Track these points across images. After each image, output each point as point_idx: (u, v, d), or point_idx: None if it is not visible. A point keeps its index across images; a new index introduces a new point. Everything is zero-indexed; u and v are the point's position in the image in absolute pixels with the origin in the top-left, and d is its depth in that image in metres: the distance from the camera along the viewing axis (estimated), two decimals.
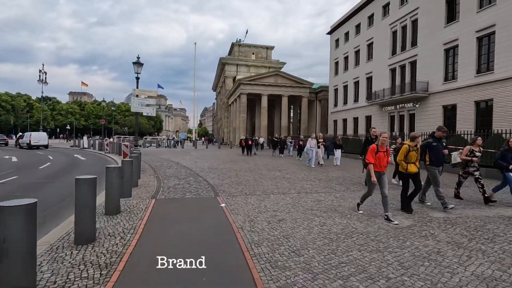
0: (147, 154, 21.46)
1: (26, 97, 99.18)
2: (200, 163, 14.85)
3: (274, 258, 3.38)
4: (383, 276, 2.94)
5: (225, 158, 19.13)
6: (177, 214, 5.35)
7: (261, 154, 24.16)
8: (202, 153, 24.45)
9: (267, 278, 2.91)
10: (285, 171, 11.70)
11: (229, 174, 10.78)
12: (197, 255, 3.37)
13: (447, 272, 3.05)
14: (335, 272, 3.03)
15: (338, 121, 34.23)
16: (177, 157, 18.78)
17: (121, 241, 3.88)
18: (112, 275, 2.93)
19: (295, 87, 36.13)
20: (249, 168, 12.87)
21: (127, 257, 3.35)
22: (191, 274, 2.98)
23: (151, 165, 14.14)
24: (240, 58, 50.53)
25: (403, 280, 2.87)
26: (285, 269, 3.10)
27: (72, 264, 3.18)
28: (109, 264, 3.18)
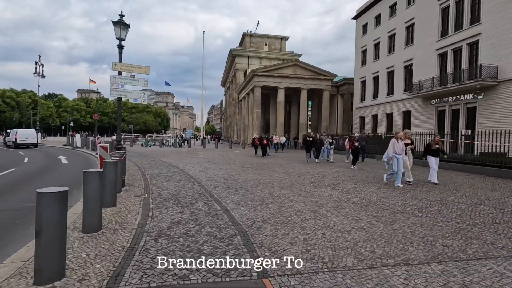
0: (146, 155, 17.78)
1: (31, 93, 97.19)
2: (212, 171, 11.01)
3: None
4: None
5: (242, 161, 15.26)
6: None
7: (285, 156, 20.20)
8: (212, 154, 20.64)
9: None
10: (345, 189, 7.73)
11: (260, 193, 6.89)
12: None
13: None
14: None
15: (365, 117, 30.02)
16: (182, 161, 15.02)
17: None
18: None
19: (315, 79, 32.02)
20: (283, 180, 8.97)
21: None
22: None
23: (146, 172, 10.38)
24: (252, 49, 46.52)
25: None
26: None
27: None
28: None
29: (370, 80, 29.30)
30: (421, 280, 2.80)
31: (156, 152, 20.82)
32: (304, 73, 31.87)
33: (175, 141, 28.10)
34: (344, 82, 34.94)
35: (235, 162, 14.98)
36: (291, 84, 31.81)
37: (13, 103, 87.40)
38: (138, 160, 14.62)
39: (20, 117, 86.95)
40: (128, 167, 10.82)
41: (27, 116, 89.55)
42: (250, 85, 33.59)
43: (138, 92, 7.80)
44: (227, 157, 17.77)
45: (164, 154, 19.56)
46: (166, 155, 18.26)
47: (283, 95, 31.84)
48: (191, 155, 19.28)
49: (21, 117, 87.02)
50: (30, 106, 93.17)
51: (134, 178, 9.12)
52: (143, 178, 9.13)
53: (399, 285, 2.71)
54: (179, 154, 19.45)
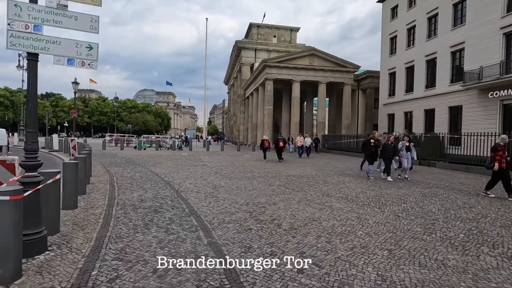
0: (134, 162, 13.61)
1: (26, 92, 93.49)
2: (227, 195, 6.81)
3: None
4: None
5: (263, 172, 11.02)
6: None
7: (315, 164, 15.96)
8: (219, 160, 16.44)
9: None
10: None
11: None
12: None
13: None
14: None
15: (396, 115, 25.74)
16: (180, 172, 10.84)
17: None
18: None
19: (335, 71, 27.79)
20: (378, 228, 4.78)
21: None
22: None
23: (117, 199, 6.13)
24: (260, 41, 42.31)
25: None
26: None
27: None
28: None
29: (401, 72, 25.03)
30: None
31: (149, 158, 16.65)
32: (323, 64, 27.63)
33: (173, 143, 23.90)
34: (366, 75, 30.66)
35: (253, 173, 10.77)
36: (307, 77, 27.57)
37: (7, 102, 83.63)
38: (118, 172, 10.46)
39: (15, 117, 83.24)
40: (97, 182, 6.65)
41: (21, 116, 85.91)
42: (260, 79, 29.38)
43: (75, 46, 3.59)
44: (239, 165, 13.57)
45: (159, 160, 15.38)
46: (160, 162, 14.08)
47: (298, 90, 27.61)
48: (192, 161, 15.10)
49: (15, 116, 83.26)
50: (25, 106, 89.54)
51: (86, 218, 4.91)
52: (98, 219, 4.92)
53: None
54: (177, 161, 15.26)
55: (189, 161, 15.27)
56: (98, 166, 12.20)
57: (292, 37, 44.20)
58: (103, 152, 19.48)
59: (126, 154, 18.37)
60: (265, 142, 17.94)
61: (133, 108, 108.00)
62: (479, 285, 2.83)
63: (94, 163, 12.95)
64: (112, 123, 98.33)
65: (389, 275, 2.97)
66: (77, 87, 18.35)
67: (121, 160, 14.59)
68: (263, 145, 17.79)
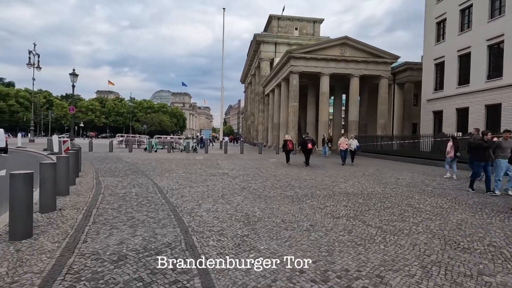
0: (137, 170, 10.87)
1: (46, 93, 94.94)
2: (272, 242, 3.73)
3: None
4: None
5: (315, 189, 7.90)
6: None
7: (374, 175, 12.69)
8: (241, 166, 13.50)
9: None
10: None
11: None
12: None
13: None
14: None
15: (444, 112, 21.94)
16: (192, 186, 7.94)
17: None
18: None
19: (370, 63, 24.30)
20: None
21: None
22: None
23: (81, 248, 3.20)
24: (280, 35, 39.23)
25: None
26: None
27: None
28: None
29: (453, 61, 21.22)
30: None
31: (157, 163, 13.95)
32: (356, 55, 24.20)
33: (187, 144, 21.21)
34: (405, 67, 26.86)
35: (293, 188, 7.70)
36: (337, 69, 24.22)
37: (26, 103, 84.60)
38: (111, 185, 7.70)
39: (34, 118, 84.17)
40: (70, 206, 3.86)
41: (42, 117, 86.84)
42: (284, 72, 26.28)
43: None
44: (268, 174, 10.55)
45: (168, 166, 12.63)
46: (169, 170, 11.29)
47: (327, 84, 24.30)
48: (208, 168, 12.22)
49: (35, 117, 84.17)
50: (45, 106, 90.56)
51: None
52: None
53: None
54: (191, 167, 12.42)
55: (205, 167, 12.40)
56: (90, 175, 9.55)
57: (315, 29, 40.85)
58: (107, 156, 17.02)
59: (132, 158, 15.78)
60: (289, 143, 14.85)
61: (149, 108, 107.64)
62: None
63: (88, 171, 10.33)
64: (128, 124, 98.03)
65: None
66: (75, 79, 15.98)
67: (123, 166, 11.93)
68: (286, 147, 14.72)
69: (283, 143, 15.58)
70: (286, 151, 14.82)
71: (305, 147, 14.11)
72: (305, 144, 14.17)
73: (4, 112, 77.72)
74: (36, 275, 2.84)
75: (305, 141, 14.35)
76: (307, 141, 14.24)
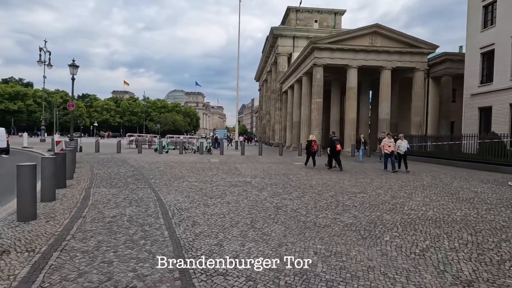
0: (140, 177, 8.93)
1: (63, 93, 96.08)
2: None
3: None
4: None
5: (376, 208, 5.64)
6: None
7: (422, 185, 10.25)
8: (266, 172, 11.38)
9: None
10: None
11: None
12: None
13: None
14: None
15: (494, 108, 19.03)
16: (208, 204, 5.85)
17: None
18: None
19: (404, 53, 21.62)
20: None
21: None
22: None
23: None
24: (299, 28, 36.89)
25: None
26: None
27: None
28: None
29: (505, 48, 18.29)
30: None
31: (166, 167, 12.04)
32: (388, 45, 21.57)
33: (201, 145, 19.28)
34: (443, 58, 23.92)
35: (348, 210, 5.44)
36: (367, 61, 21.67)
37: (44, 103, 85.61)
38: (101, 201, 5.75)
39: (51, 117, 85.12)
40: (18, 246, 2.14)
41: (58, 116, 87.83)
42: (306, 66, 23.94)
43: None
44: (302, 183, 8.34)
45: (179, 172, 10.68)
46: (179, 177, 9.31)
47: (355, 78, 21.79)
48: (227, 174, 10.15)
49: (52, 117, 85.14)
50: (62, 106, 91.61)
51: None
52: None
53: None
54: (205, 173, 10.40)
55: (222, 173, 10.35)
56: (83, 183, 7.70)
57: (336, 21, 38.22)
58: (113, 158, 15.30)
59: (139, 161, 13.96)
60: (313, 144, 13.07)
61: (162, 108, 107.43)
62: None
63: (82, 178, 8.50)
64: (143, 123, 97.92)
65: None
66: (75, 71, 14.31)
67: (126, 172, 10.05)
68: (310, 148, 13.02)
69: (307, 144, 13.67)
70: (310, 153, 13.06)
71: (333, 149, 12.30)
72: (333, 145, 12.34)
73: (22, 112, 78.95)
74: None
75: (333, 142, 12.51)
76: (335, 142, 12.44)
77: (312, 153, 13.04)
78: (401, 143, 11.20)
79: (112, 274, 2.86)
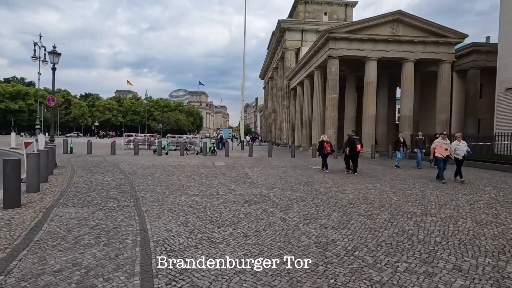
0: (125, 190, 6.96)
1: (64, 92, 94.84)
2: None
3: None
4: None
5: None
6: None
7: (505, 206, 8.09)
8: (283, 179, 9.43)
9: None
10: None
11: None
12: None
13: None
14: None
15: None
16: (213, 235, 3.84)
17: None
18: None
19: (429, 44, 19.49)
20: None
21: None
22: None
23: None
24: (307, 20, 34.82)
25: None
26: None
27: None
28: None
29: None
30: None
31: (163, 173, 10.13)
32: (412, 33, 19.44)
33: (204, 145, 17.33)
34: (470, 49, 21.67)
35: (437, 260, 3.39)
36: (387, 53, 19.55)
37: (45, 102, 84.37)
38: (62, 227, 3.77)
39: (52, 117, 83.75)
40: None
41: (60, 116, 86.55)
42: (318, 59, 21.88)
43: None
44: (335, 197, 6.32)
45: (177, 180, 8.74)
46: (177, 188, 7.36)
47: (375, 71, 19.69)
48: (236, 183, 8.16)
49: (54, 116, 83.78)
50: (63, 106, 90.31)
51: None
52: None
53: None
54: (209, 181, 8.44)
55: (230, 182, 8.37)
56: (49, 198, 5.80)
57: (347, 13, 36.08)
58: (104, 160, 13.40)
59: (133, 165, 12.04)
60: (326, 145, 11.45)
61: (165, 107, 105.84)
62: None
63: (53, 189, 6.60)
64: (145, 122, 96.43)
65: None
66: (56, 59, 12.42)
67: (111, 181, 8.13)
68: (323, 149, 11.44)
69: (319, 144, 11.84)
70: (323, 155, 11.46)
71: (353, 149, 10.64)
72: (353, 145, 10.65)
73: (24, 112, 77.76)
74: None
75: (353, 141, 10.77)
76: (355, 142, 10.72)
77: (325, 155, 11.44)
78: (459, 145, 8.75)
79: None
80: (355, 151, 10.68)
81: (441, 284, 2.78)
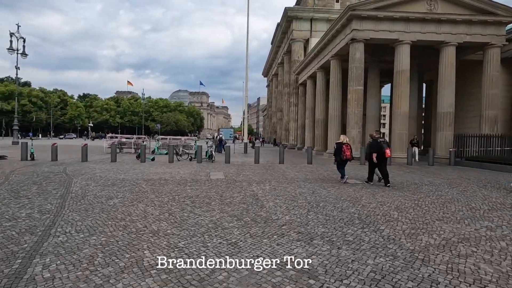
0: (46, 240, 3.45)
1: (61, 93, 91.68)
2: None
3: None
4: None
5: None
6: None
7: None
8: (317, 212, 5.87)
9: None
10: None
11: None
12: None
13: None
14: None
15: None
16: None
17: None
18: None
19: (474, 24, 15.95)
20: None
21: None
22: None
23: None
24: (318, 8, 31.29)
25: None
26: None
27: None
28: None
29: None
30: None
31: (127, 197, 6.64)
32: (453, 11, 15.86)
33: (199, 149, 13.81)
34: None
35: None
36: (423, 35, 15.99)
37: (40, 103, 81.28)
38: None
39: (48, 118, 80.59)
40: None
41: (56, 117, 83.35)
42: (337, 44, 18.28)
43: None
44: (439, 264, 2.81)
45: (139, 218, 5.23)
46: (125, 248, 3.82)
47: (408, 58, 16.10)
48: (239, 218, 4.60)
49: (49, 117, 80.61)
50: (59, 106, 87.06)
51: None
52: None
53: None
54: (193, 219, 4.89)
55: (231, 217, 4.82)
56: None
57: None
58: (58, 172, 9.90)
59: (93, 180, 8.53)
60: (346, 148, 8.73)
61: (165, 107, 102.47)
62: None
63: None
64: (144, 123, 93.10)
65: None
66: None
67: (21, 221, 4.62)
68: (341, 154, 8.76)
69: (336, 148, 8.97)
70: (342, 161, 8.95)
71: (381, 155, 8.41)
72: (381, 150, 8.42)
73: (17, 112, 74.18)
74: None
75: (381, 146, 8.49)
76: (383, 146, 8.49)
77: (344, 162, 8.90)
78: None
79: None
80: (384, 157, 8.36)
81: None
